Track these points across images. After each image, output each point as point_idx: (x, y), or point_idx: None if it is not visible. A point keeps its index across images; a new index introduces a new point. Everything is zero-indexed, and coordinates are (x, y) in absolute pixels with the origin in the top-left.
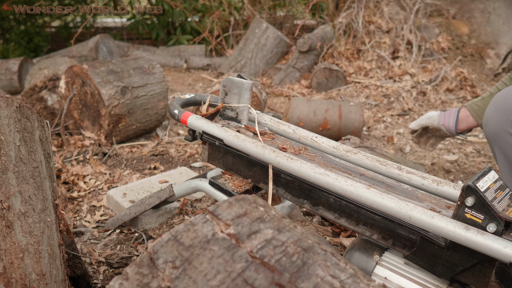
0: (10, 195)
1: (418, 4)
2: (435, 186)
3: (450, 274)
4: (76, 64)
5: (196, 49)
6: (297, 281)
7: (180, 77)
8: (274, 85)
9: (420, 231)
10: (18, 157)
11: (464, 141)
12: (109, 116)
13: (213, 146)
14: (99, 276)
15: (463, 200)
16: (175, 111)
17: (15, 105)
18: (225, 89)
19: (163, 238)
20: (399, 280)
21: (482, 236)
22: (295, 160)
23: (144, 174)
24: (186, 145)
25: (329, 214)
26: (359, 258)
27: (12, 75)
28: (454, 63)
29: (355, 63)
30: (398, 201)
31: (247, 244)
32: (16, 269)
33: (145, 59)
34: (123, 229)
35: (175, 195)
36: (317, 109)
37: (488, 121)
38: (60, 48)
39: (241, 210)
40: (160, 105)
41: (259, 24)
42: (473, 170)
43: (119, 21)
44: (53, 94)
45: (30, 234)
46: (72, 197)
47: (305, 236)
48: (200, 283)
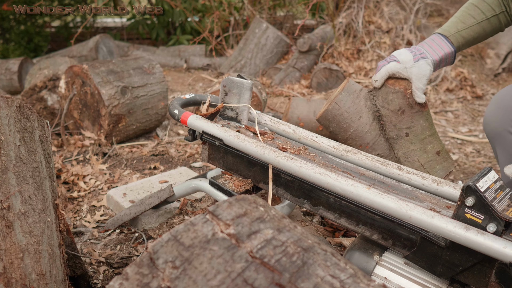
0: (10, 195)
1: (418, 4)
2: (435, 186)
3: (450, 274)
4: (76, 64)
5: (196, 49)
6: (297, 281)
7: (180, 77)
8: (274, 85)
9: (420, 231)
10: (18, 157)
11: (464, 141)
12: (109, 116)
13: (213, 146)
14: (99, 276)
15: (463, 200)
16: (175, 111)
17: (15, 105)
18: (225, 89)
19: (163, 238)
20: (399, 280)
21: (482, 236)
22: (295, 160)
23: (144, 174)
24: (186, 145)
25: (329, 214)
26: (359, 258)
27: (12, 75)
28: (454, 63)
29: (355, 63)
30: (398, 201)
31: (247, 244)
32: (16, 269)
33: (145, 59)
34: (123, 229)
35: (175, 195)
36: (317, 109)
37: (489, 120)
38: (60, 48)
39: (241, 210)
40: (160, 105)
41: (259, 24)
42: (473, 170)
43: (119, 21)
44: (53, 94)
45: (30, 234)
46: (72, 197)
47: (305, 236)
48: (200, 283)
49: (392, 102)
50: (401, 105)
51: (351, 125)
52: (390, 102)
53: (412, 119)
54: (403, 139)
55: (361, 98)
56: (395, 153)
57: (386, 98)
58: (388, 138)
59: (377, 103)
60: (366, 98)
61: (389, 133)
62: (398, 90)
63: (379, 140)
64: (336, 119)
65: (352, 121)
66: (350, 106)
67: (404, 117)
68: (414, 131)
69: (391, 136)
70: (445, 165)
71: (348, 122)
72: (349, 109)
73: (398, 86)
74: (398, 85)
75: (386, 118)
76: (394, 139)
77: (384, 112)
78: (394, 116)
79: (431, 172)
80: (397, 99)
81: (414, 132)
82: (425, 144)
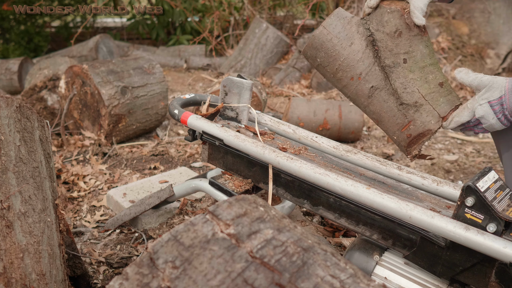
0: (10, 195)
1: None
2: (435, 186)
3: (450, 274)
4: (76, 64)
5: (196, 49)
6: (297, 281)
7: (180, 77)
8: (274, 85)
9: (420, 231)
10: (18, 157)
11: (464, 141)
12: (109, 116)
13: (213, 146)
14: (99, 276)
15: (463, 200)
16: (175, 111)
17: (15, 105)
18: (225, 89)
19: (163, 238)
20: (399, 280)
21: (482, 236)
22: (295, 160)
23: (144, 174)
24: (186, 145)
25: (329, 214)
26: (359, 258)
27: (12, 75)
28: (454, 63)
29: None
30: (398, 201)
31: (247, 244)
32: (16, 269)
33: (145, 59)
34: (123, 229)
35: (175, 195)
36: (317, 109)
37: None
38: (60, 48)
39: (241, 210)
40: (160, 105)
41: (259, 24)
42: (473, 170)
43: (119, 21)
44: (53, 94)
45: (30, 234)
46: (72, 197)
47: (305, 236)
48: (200, 283)
49: (387, 24)
50: (397, 26)
51: (341, 53)
52: (385, 23)
53: (411, 43)
54: (400, 67)
55: (352, 24)
56: (391, 83)
57: (381, 20)
58: (384, 66)
59: (370, 27)
60: (359, 24)
61: (384, 60)
62: (394, 9)
63: (373, 69)
64: (324, 46)
65: (342, 48)
66: (340, 31)
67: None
68: (413, 57)
69: (387, 64)
70: (449, 98)
71: (338, 49)
72: (339, 34)
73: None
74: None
75: (381, 42)
76: (391, 67)
77: (378, 36)
78: (390, 40)
79: (434, 106)
80: (393, 19)
81: (413, 59)
82: (426, 73)
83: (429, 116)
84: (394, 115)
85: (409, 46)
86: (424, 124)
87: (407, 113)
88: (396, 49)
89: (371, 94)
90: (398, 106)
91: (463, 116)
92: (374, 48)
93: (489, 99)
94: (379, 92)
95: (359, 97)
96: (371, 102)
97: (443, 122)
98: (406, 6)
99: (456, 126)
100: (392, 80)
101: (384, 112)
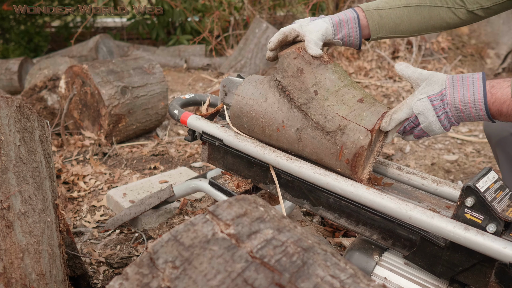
0: (10, 195)
1: None
2: (435, 186)
3: (450, 274)
4: (76, 64)
5: (196, 49)
6: (297, 281)
7: (180, 77)
8: None
9: (420, 232)
10: (18, 157)
11: (464, 141)
12: (109, 116)
13: (213, 146)
14: (99, 276)
15: (463, 200)
16: (175, 111)
17: (15, 105)
18: (225, 89)
19: (163, 238)
20: (399, 280)
21: (481, 236)
22: (295, 160)
23: (144, 174)
24: (186, 145)
25: (329, 214)
26: (359, 258)
27: (12, 75)
28: (454, 63)
29: (355, 63)
30: (398, 201)
31: (247, 244)
32: (16, 269)
33: (145, 59)
34: (123, 229)
35: (175, 195)
36: None
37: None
38: (60, 48)
39: (241, 210)
40: (160, 105)
41: (259, 24)
42: (473, 170)
43: (119, 21)
44: (53, 94)
45: (30, 234)
46: (72, 197)
47: (305, 236)
48: (200, 283)
49: (288, 67)
50: (297, 65)
51: (260, 110)
52: (287, 68)
53: (315, 75)
54: (314, 100)
55: (264, 82)
56: (312, 118)
57: (283, 67)
58: (300, 105)
59: (277, 77)
60: (269, 80)
61: (298, 100)
62: (289, 52)
63: (292, 112)
64: (243, 110)
65: (259, 105)
66: (254, 92)
67: (305, 75)
68: (322, 86)
69: (302, 102)
70: (373, 109)
71: (256, 108)
72: (252, 95)
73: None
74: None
75: (290, 86)
76: (306, 104)
77: (286, 81)
78: (296, 80)
79: (358, 122)
80: (291, 61)
81: (323, 88)
82: (341, 95)
83: (356, 133)
84: (326, 148)
85: (314, 78)
86: (355, 143)
87: (336, 139)
88: (304, 85)
89: (299, 137)
90: (325, 137)
91: (401, 113)
92: (285, 94)
93: (428, 93)
94: (305, 132)
95: (292, 144)
96: (303, 144)
97: (380, 124)
98: (301, 44)
99: (395, 124)
100: (311, 115)
101: (317, 148)
